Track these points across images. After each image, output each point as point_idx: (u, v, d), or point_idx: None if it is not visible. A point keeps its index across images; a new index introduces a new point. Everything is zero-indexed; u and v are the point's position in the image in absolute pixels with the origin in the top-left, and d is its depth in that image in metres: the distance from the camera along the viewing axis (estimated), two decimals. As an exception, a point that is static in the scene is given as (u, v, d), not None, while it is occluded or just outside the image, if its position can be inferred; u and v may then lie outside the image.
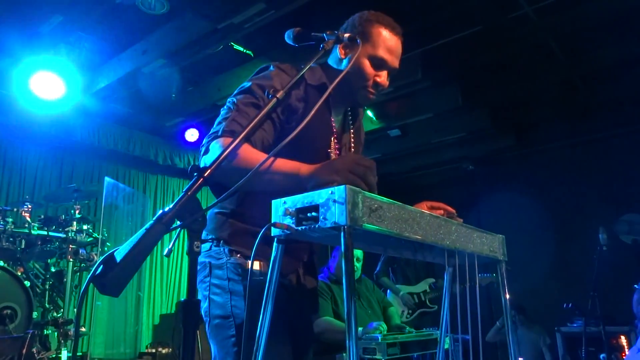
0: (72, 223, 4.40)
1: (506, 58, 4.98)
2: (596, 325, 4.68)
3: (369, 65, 1.57)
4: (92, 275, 0.82)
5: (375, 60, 1.57)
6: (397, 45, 1.61)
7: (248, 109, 1.41)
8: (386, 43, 1.58)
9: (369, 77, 1.58)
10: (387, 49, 1.58)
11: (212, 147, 1.32)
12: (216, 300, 1.45)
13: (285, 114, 1.46)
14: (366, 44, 1.55)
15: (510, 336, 1.64)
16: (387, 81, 1.64)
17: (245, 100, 1.44)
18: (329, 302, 3.48)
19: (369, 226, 1.09)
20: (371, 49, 1.56)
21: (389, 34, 1.58)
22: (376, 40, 1.56)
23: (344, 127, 1.70)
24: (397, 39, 1.60)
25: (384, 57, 1.57)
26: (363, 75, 1.58)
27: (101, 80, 5.01)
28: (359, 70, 1.56)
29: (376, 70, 1.59)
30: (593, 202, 6.13)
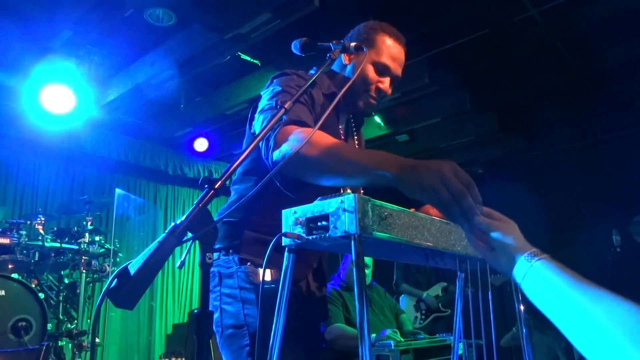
0: (84, 234, 4.44)
1: (513, 61, 4.96)
2: (612, 328, 4.62)
3: (372, 71, 1.60)
4: (106, 289, 0.83)
5: (379, 66, 1.60)
6: (401, 53, 1.64)
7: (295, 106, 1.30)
8: (390, 50, 1.61)
9: (372, 82, 1.61)
10: (390, 56, 1.61)
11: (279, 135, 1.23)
12: (228, 310, 1.45)
13: None
14: (370, 50, 1.58)
15: (524, 341, 1.63)
16: (390, 89, 1.66)
17: (283, 98, 1.36)
18: (341, 309, 3.47)
19: (379, 234, 1.09)
20: (375, 55, 1.59)
21: (392, 42, 1.62)
22: (380, 47, 1.60)
23: (347, 133, 1.73)
24: (400, 47, 1.64)
25: (387, 64, 1.61)
26: (366, 81, 1.60)
27: (111, 92, 5.07)
28: (362, 76, 1.59)
29: (379, 76, 1.62)
30: (605, 204, 6.06)
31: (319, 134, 1.18)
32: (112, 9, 3.86)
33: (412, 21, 4.05)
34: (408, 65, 1.71)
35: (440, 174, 0.99)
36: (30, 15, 3.99)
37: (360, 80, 1.58)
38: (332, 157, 1.15)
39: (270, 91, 1.45)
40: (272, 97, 1.40)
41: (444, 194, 0.96)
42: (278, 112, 1.22)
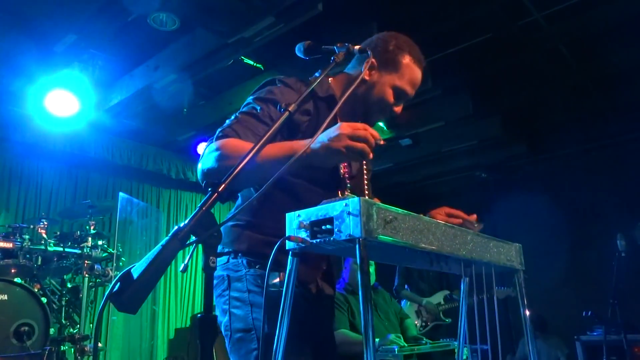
0: (87, 239, 4.44)
1: (517, 65, 4.95)
2: (617, 333, 4.58)
3: (391, 95, 1.59)
4: (109, 293, 0.82)
5: (398, 92, 1.60)
6: (420, 77, 1.63)
7: (247, 119, 1.43)
8: (412, 76, 1.60)
9: (390, 106, 1.61)
10: (411, 82, 1.61)
11: (207, 151, 1.34)
12: (237, 314, 1.44)
13: (287, 128, 1.45)
14: (393, 73, 1.58)
15: (530, 346, 1.61)
16: None
17: (245, 111, 1.47)
18: (346, 314, 3.45)
19: (384, 238, 1.09)
20: (398, 80, 1.58)
21: (416, 67, 1.61)
22: (404, 71, 1.59)
23: None
24: (420, 71, 1.63)
25: (407, 90, 1.61)
26: (384, 103, 1.60)
27: (114, 96, 5.08)
28: (381, 97, 1.59)
29: (396, 100, 1.62)
30: (610, 208, 6.04)
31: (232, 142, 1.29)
32: (116, 13, 3.87)
33: (416, 25, 4.05)
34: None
35: (343, 136, 1.21)
36: (34, 19, 4.01)
37: (377, 100, 1.59)
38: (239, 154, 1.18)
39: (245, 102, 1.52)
40: (242, 107, 1.50)
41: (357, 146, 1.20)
42: (282, 114, 1.24)
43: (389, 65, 1.56)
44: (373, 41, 1.63)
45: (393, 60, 1.57)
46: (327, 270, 1.62)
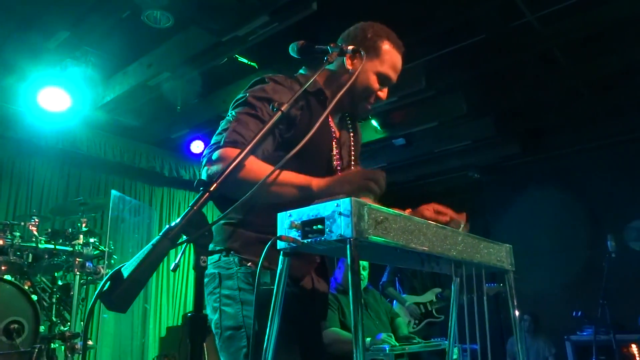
0: (78, 236, 4.41)
1: (510, 66, 4.98)
2: (606, 333, 4.63)
3: (375, 81, 1.63)
4: (99, 291, 0.82)
5: (381, 77, 1.64)
6: (400, 61, 1.68)
7: (248, 120, 1.43)
8: (392, 60, 1.65)
9: (373, 91, 1.65)
10: (392, 66, 1.65)
11: (216, 158, 1.32)
12: (227, 311, 1.44)
13: (284, 123, 1.48)
14: (374, 59, 1.61)
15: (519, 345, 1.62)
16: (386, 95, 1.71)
17: (243, 111, 1.46)
18: (337, 313, 3.46)
19: (375, 238, 1.09)
20: (379, 66, 1.62)
21: (395, 52, 1.65)
22: (384, 57, 1.63)
23: (342, 128, 1.74)
24: (400, 55, 1.67)
25: (389, 75, 1.65)
26: (369, 90, 1.64)
27: (107, 93, 5.05)
28: (365, 84, 1.62)
29: (380, 86, 1.66)
30: (601, 209, 6.09)
31: (251, 160, 1.28)
32: (109, 10, 3.85)
33: (410, 26, 4.06)
34: (405, 70, 1.73)
35: (359, 170, 1.39)
36: (26, 15, 3.98)
37: (362, 88, 1.62)
38: (255, 176, 1.24)
39: (236, 100, 1.53)
40: (235, 106, 1.51)
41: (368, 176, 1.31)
42: (275, 114, 1.25)
43: (369, 53, 1.59)
44: (351, 32, 1.66)
45: (373, 47, 1.61)
46: (321, 264, 1.62)
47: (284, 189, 1.31)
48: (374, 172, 1.33)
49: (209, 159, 1.34)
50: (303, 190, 1.31)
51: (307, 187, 1.32)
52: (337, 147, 1.65)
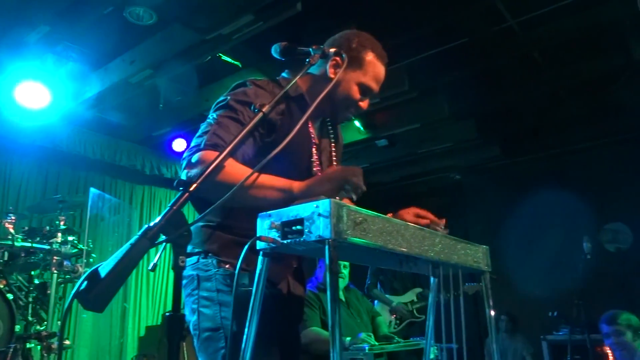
0: (56, 234, 4.34)
1: (491, 69, 5.06)
2: (581, 333, 4.72)
3: (357, 92, 1.63)
4: (76, 291, 0.82)
5: (363, 88, 1.63)
6: (383, 73, 1.67)
7: (228, 123, 1.43)
8: (376, 72, 1.64)
9: (355, 102, 1.65)
10: (375, 78, 1.64)
11: (196, 160, 1.32)
12: (205, 313, 1.45)
13: (265, 128, 1.48)
14: (357, 70, 1.61)
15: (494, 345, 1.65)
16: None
17: (224, 114, 1.46)
18: (317, 312, 3.47)
19: (354, 239, 1.10)
20: (362, 77, 1.61)
21: (378, 63, 1.64)
22: (368, 68, 1.62)
23: (322, 134, 1.74)
24: (383, 67, 1.67)
25: (371, 86, 1.64)
26: (350, 100, 1.64)
27: (88, 90, 4.98)
28: (347, 94, 1.62)
29: (362, 96, 1.65)
30: (578, 212, 6.21)
31: (230, 163, 1.29)
32: (92, 5, 3.81)
33: (394, 28, 4.10)
34: (389, 71, 1.74)
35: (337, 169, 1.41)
36: (5, 8, 3.90)
37: (343, 97, 1.62)
38: (234, 179, 1.23)
39: (217, 103, 1.52)
40: (216, 108, 1.51)
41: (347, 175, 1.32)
42: (257, 115, 1.27)
43: (353, 63, 1.58)
44: (336, 40, 1.65)
45: (357, 57, 1.60)
46: (298, 269, 1.64)
47: (266, 192, 1.31)
48: (352, 168, 1.35)
49: (189, 162, 1.33)
50: (285, 192, 1.32)
51: (288, 189, 1.32)
52: (317, 153, 1.65)
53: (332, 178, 1.32)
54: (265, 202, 1.28)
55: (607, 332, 3.23)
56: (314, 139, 1.67)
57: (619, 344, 3.18)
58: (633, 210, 5.92)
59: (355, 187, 1.30)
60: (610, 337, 3.21)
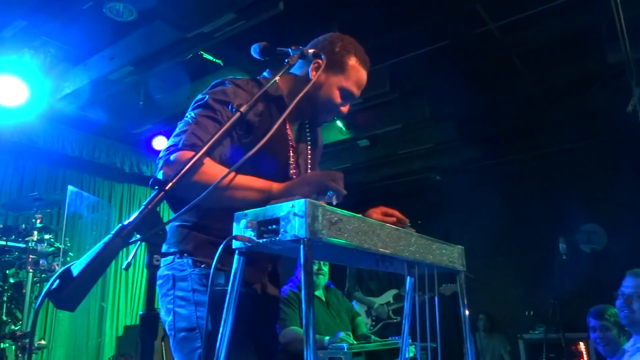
0: (32, 232, 4.26)
1: (472, 72, 5.12)
2: (556, 332, 4.81)
3: (338, 96, 1.63)
4: (47, 290, 0.81)
5: (345, 92, 1.64)
6: (365, 78, 1.68)
7: (207, 123, 1.42)
8: (358, 77, 1.64)
9: (337, 106, 1.65)
10: (357, 83, 1.65)
11: (173, 160, 1.31)
12: (181, 313, 1.44)
13: (243, 128, 1.48)
14: (340, 74, 1.61)
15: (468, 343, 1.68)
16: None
17: (203, 113, 1.45)
18: (297, 311, 3.48)
19: (329, 239, 1.11)
20: (344, 81, 1.62)
21: (360, 68, 1.65)
22: (350, 73, 1.62)
23: (300, 137, 1.73)
24: (365, 72, 1.67)
25: (353, 91, 1.65)
26: (331, 104, 1.64)
27: (67, 86, 4.90)
28: (328, 98, 1.62)
29: (343, 100, 1.65)
30: (554, 213, 6.33)
31: (207, 163, 1.30)
32: (70, 0, 3.75)
33: (376, 30, 4.12)
34: (371, 72, 1.75)
35: (318, 172, 1.44)
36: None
37: (324, 101, 1.62)
38: (211, 179, 1.22)
39: (196, 101, 1.51)
40: (194, 107, 1.50)
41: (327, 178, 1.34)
42: (234, 114, 1.27)
43: (335, 67, 1.59)
44: (320, 42, 1.65)
45: (340, 61, 1.60)
46: (273, 271, 1.65)
47: (244, 193, 1.31)
48: (333, 172, 1.36)
49: (166, 161, 1.32)
50: (264, 193, 1.32)
51: (268, 190, 1.33)
52: (293, 156, 1.65)
53: (311, 181, 1.33)
54: (244, 202, 1.28)
55: (594, 326, 3.27)
56: (291, 142, 1.66)
57: (604, 338, 3.22)
58: (608, 212, 6.06)
59: (336, 190, 1.32)
60: (596, 331, 3.26)
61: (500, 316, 6.27)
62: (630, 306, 2.51)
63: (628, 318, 2.54)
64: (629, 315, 2.53)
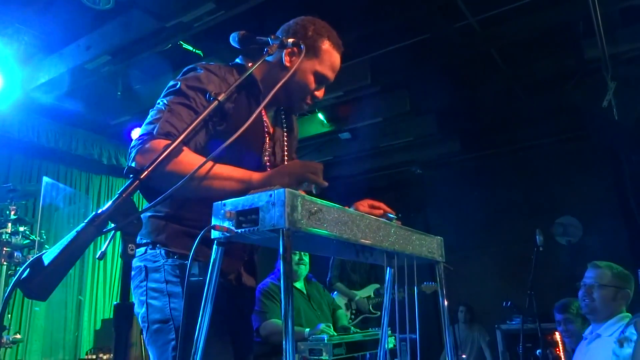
0: (6, 224, 4.17)
1: (452, 65, 5.15)
2: (533, 322, 4.90)
3: (312, 81, 1.62)
4: (17, 279, 0.79)
5: (319, 77, 1.62)
6: (339, 62, 1.67)
7: (181, 110, 1.39)
8: (332, 60, 1.63)
9: (311, 91, 1.64)
10: (331, 67, 1.63)
11: (147, 148, 1.27)
12: (154, 305, 1.42)
13: (218, 116, 1.45)
14: (314, 58, 1.59)
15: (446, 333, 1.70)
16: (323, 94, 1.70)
17: (176, 100, 1.42)
18: (278, 304, 3.47)
19: (309, 229, 1.11)
20: (318, 66, 1.60)
21: (334, 52, 1.63)
22: (324, 57, 1.61)
23: (276, 123, 1.72)
24: (339, 55, 1.66)
25: (327, 75, 1.63)
26: (306, 89, 1.62)
27: (42, 75, 4.78)
28: (302, 84, 1.60)
29: (317, 85, 1.64)
30: (531, 206, 6.44)
31: (185, 152, 1.27)
32: (44, -13, 3.66)
33: (356, 23, 4.11)
34: (352, 65, 1.75)
35: (298, 162, 1.39)
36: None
37: (300, 88, 1.61)
38: (188, 169, 1.20)
39: (168, 88, 1.48)
40: (166, 94, 1.46)
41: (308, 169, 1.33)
42: (212, 103, 1.26)
43: (309, 52, 1.56)
44: (291, 27, 1.62)
45: (313, 46, 1.58)
46: (249, 261, 1.63)
47: (223, 183, 1.29)
48: (313, 163, 1.35)
49: (140, 150, 1.28)
50: (244, 183, 1.30)
51: (248, 180, 1.31)
52: (270, 143, 1.63)
53: (291, 172, 1.32)
54: (222, 192, 1.26)
55: (559, 319, 3.38)
56: (267, 128, 1.64)
57: (567, 331, 3.34)
58: (583, 205, 6.19)
59: (315, 182, 1.32)
60: (561, 324, 3.37)
61: (478, 307, 6.37)
62: (591, 295, 2.66)
63: (588, 306, 2.68)
64: (589, 304, 2.67)
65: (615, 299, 2.63)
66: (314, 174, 1.32)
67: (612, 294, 2.62)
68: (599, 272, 2.69)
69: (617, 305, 2.63)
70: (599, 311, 2.65)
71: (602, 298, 2.62)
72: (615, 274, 2.67)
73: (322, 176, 1.34)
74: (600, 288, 2.64)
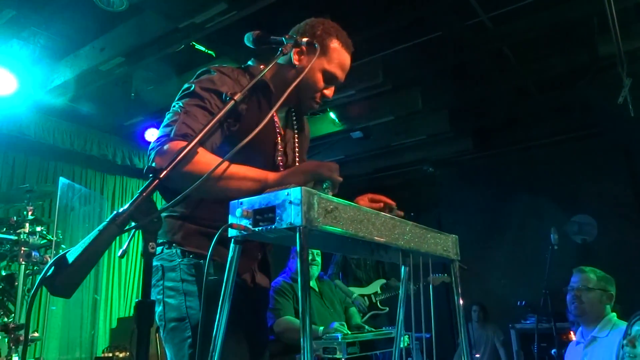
0: (24, 225, 4.24)
1: (464, 63, 5.12)
2: (548, 322, 4.86)
3: (321, 79, 1.62)
4: (42, 276, 0.81)
5: (328, 75, 1.63)
6: (348, 62, 1.67)
7: (196, 112, 1.40)
8: (341, 60, 1.63)
9: (319, 89, 1.64)
10: (340, 66, 1.64)
11: (166, 150, 1.28)
12: (171, 303, 1.44)
13: (232, 117, 1.46)
14: (322, 57, 1.59)
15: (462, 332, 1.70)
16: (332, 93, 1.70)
17: (191, 103, 1.43)
18: (291, 301, 3.49)
19: (325, 227, 1.12)
20: (327, 64, 1.61)
21: (343, 51, 1.64)
22: (332, 55, 1.61)
23: (287, 124, 1.72)
24: (348, 55, 1.66)
25: (336, 74, 1.64)
26: (314, 88, 1.63)
27: (57, 77, 4.85)
28: (311, 82, 1.61)
29: (326, 84, 1.65)
30: (546, 204, 6.37)
31: (201, 152, 1.28)
32: (59, -10, 3.71)
33: (368, 21, 4.11)
34: (363, 64, 1.75)
35: (314, 162, 1.40)
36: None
37: (309, 86, 1.61)
38: (206, 169, 1.20)
39: (183, 91, 1.49)
40: (182, 96, 1.47)
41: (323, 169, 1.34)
42: (227, 103, 1.28)
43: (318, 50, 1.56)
44: (301, 27, 1.63)
45: (321, 44, 1.58)
46: (263, 260, 1.65)
47: (240, 183, 1.30)
48: (328, 163, 1.36)
49: (159, 151, 1.29)
50: (259, 183, 1.31)
51: (264, 180, 1.32)
52: (281, 144, 1.64)
53: (306, 170, 1.33)
54: (238, 192, 1.26)
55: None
56: (279, 129, 1.65)
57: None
58: (598, 203, 6.11)
59: (331, 179, 1.33)
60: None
61: (492, 306, 6.32)
62: (580, 298, 2.80)
63: (578, 309, 2.81)
64: (579, 306, 2.80)
65: (602, 301, 2.78)
66: (330, 172, 1.33)
67: (599, 296, 2.77)
68: (585, 277, 2.83)
69: (604, 306, 2.79)
70: (588, 313, 2.79)
71: (590, 301, 2.77)
72: (600, 277, 2.82)
73: (338, 175, 1.35)
74: (588, 291, 2.78)
